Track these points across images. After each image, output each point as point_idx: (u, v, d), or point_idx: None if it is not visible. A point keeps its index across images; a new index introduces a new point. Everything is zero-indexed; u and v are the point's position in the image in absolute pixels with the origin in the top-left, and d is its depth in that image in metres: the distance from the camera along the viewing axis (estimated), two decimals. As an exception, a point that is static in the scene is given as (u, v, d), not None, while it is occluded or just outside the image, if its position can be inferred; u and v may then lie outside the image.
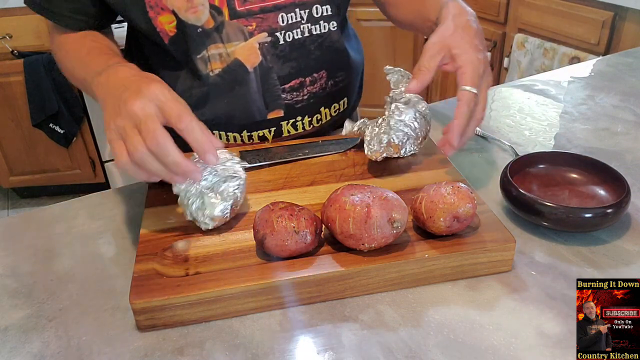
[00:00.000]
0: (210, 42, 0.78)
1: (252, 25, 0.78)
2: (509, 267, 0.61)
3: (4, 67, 2.16)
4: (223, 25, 0.77)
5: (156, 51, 0.81)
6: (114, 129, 0.57)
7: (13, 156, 2.42)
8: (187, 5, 0.74)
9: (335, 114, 0.92)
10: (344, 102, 0.93)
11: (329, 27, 0.83)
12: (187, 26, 0.76)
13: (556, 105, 1.00)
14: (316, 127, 0.89)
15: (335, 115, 0.92)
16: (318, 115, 0.89)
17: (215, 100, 0.82)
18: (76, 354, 0.54)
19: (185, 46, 0.78)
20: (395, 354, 0.52)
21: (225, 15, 0.76)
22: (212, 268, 0.58)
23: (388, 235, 0.57)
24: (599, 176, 0.71)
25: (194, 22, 0.76)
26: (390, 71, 0.78)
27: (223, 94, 0.74)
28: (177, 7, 0.74)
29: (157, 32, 0.76)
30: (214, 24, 0.76)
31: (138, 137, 0.56)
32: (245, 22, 0.77)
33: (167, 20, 0.75)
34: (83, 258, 0.67)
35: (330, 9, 0.81)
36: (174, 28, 0.76)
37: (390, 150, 0.72)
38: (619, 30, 1.84)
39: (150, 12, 0.74)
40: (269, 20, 0.78)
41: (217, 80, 0.80)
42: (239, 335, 0.55)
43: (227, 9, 0.76)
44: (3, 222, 0.78)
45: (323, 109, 0.89)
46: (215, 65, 0.80)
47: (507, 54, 2.27)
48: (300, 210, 0.59)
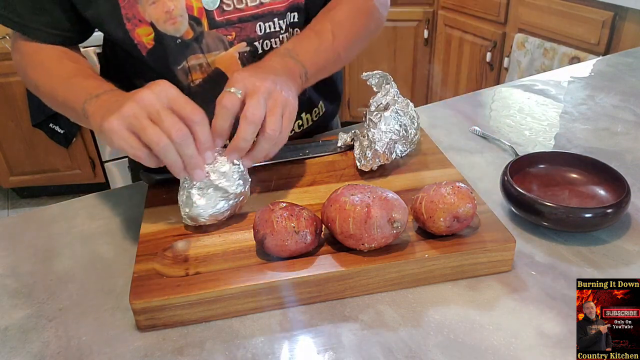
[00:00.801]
0: (190, 52, 0.77)
1: (232, 34, 0.77)
2: (509, 267, 0.61)
3: (4, 67, 2.16)
4: (202, 36, 0.76)
5: (134, 63, 0.80)
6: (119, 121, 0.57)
7: (13, 156, 2.42)
8: (165, 17, 0.73)
9: (317, 118, 0.92)
10: (323, 106, 0.93)
11: (293, 33, 0.82)
12: (166, 37, 0.75)
13: (556, 105, 1.00)
14: (298, 132, 0.89)
15: (317, 119, 0.92)
16: (300, 121, 0.89)
17: None
18: (76, 354, 0.54)
19: (164, 58, 0.77)
20: (395, 354, 0.52)
21: (204, 26, 0.75)
22: (212, 268, 0.58)
23: (388, 235, 0.57)
24: (599, 176, 0.71)
25: (173, 33, 0.75)
26: (369, 76, 0.79)
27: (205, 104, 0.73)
28: (156, 18, 0.73)
29: (135, 45, 0.75)
30: (194, 35, 0.76)
31: (157, 127, 0.57)
32: (225, 32, 0.77)
33: (144, 32, 0.74)
34: (83, 258, 0.67)
35: (297, 15, 0.81)
36: (152, 40, 0.75)
37: (380, 160, 0.73)
38: (619, 30, 1.84)
39: (128, 24, 0.73)
40: (247, 30, 0.77)
41: (199, 91, 0.80)
42: (239, 335, 0.55)
43: (206, 19, 0.75)
44: (3, 222, 0.78)
45: (304, 114, 0.89)
46: (196, 76, 0.79)
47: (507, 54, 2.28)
48: (301, 210, 0.59)
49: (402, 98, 0.77)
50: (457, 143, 0.88)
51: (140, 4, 0.72)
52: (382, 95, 0.76)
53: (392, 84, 0.77)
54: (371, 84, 0.78)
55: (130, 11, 0.72)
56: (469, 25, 2.44)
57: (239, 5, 0.76)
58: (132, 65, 0.81)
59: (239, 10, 0.76)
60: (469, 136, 0.90)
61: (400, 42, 2.70)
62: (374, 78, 0.78)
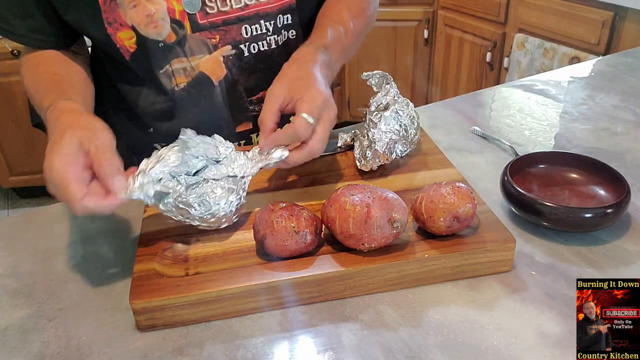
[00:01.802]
0: (173, 56, 0.77)
1: (216, 38, 0.77)
2: (509, 267, 0.61)
3: (4, 67, 2.16)
4: (185, 39, 0.76)
5: (117, 67, 0.80)
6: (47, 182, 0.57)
7: (13, 156, 2.42)
8: (146, 20, 0.73)
9: None
10: None
11: (288, 35, 0.82)
12: (148, 41, 0.74)
13: (556, 105, 1.00)
14: None
15: None
16: None
17: (182, 114, 0.81)
18: (76, 354, 0.54)
19: (146, 62, 0.76)
20: (395, 354, 0.52)
21: (187, 29, 0.75)
22: (212, 268, 0.58)
23: (388, 235, 0.57)
24: (599, 176, 0.71)
25: (155, 37, 0.74)
26: (369, 76, 0.79)
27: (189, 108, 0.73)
28: (137, 22, 0.73)
29: (117, 49, 0.75)
30: (176, 38, 0.75)
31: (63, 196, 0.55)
32: (209, 35, 0.76)
33: (126, 36, 0.74)
34: (83, 258, 0.67)
35: (290, 17, 0.80)
36: (134, 44, 0.75)
37: (380, 160, 0.73)
38: (619, 30, 1.84)
39: (109, 28, 0.72)
40: (232, 33, 0.77)
41: (183, 95, 0.80)
42: (239, 335, 0.55)
43: (188, 22, 0.75)
44: (3, 222, 0.78)
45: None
46: (180, 80, 0.79)
47: (507, 54, 2.27)
48: (301, 210, 0.59)
49: (402, 98, 0.77)
50: (457, 143, 0.88)
51: (121, 7, 0.71)
52: (382, 95, 0.76)
53: (392, 84, 0.77)
54: (371, 84, 0.78)
55: (112, 15, 0.72)
56: (469, 25, 2.44)
57: (223, 7, 0.75)
58: (115, 68, 0.81)
59: (223, 13, 0.75)
60: (469, 136, 0.90)
61: (400, 42, 2.70)
62: (374, 78, 0.78)
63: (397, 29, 2.67)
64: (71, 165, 0.56)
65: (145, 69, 0.77)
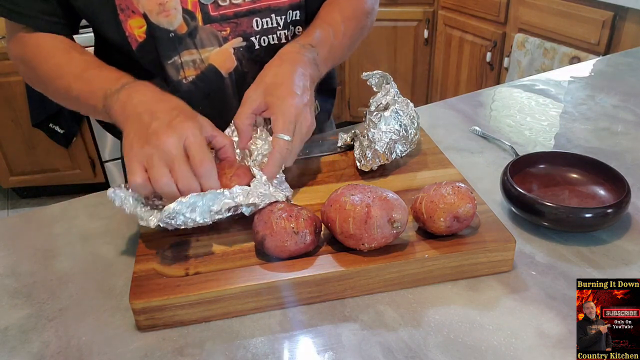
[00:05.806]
0: (183, 47, 0.77)
1: (227, 30, 0.77)
2: (509, 267, 0.61)
3: (4, 67, 2.16)
4: (197, 31, 0.76)
5: (122, 61, 0.78)
6: (138, 154, 0.59)
7: (13, 156, 2.42)
8: (159, 9, 0.73)
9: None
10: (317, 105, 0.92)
11: (295, 31, 0.82)
12: (159, 30, 0.74)
13: (556, 105, 1.00)
14: None
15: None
16: None
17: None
18: (76, 354, 0.54)
19: (154, 53, 0.76)
20: (395, 354, 0.52)
21: (198, 20, 0.75)
22: (212, 268, 0.58)
23: (388, 235, 0.57)
24: (599, 176, 0.71)
25: (166, 25, 0.74)
26: (369, 76, 0.79)
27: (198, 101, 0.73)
28: (149, 10, 0.73)
29: (126, 37, 0.74)
30: (187, 29, 0.75)
31: (166, 171, 0.58)
32: (219, 27, 0.76)
33: (137, 24, 0.74)
34: (83, 258, 0.67)
35: (299, 14, 0.81)
36: (144, 33, 0.74)
37: (380, 160, 0.73)
38: (619, 30, 1.84)
39: (121, 14, 0.72)
40: (243, 25, 0.77)
41: (191, 88, 0.80)
42: (239, 335, 0.55)
43: (200, 13, 0.75)
44: (3, 222, 0.78)
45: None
46: (189, 72, 0.79)
47: (507, 54, 2.27)
48: (300, 211, 0.59)
49: (402, 98, 0.77)
50: (457, 143, 0.88)
51: None
52: (382, 95, 0.76)
53: (392, 84, 0.77)
54: (371, 84, 0.78)
55: (124, 2, 0.72)
56: (469, 25, 2.44)
57: (235, 0, 0.75)
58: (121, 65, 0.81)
59: (235, 5, 0.76)
60: (469, 136, 0.90)
61: (400, 42, 2.70)
62: (374, 78, 0.78)
63: (397, 29, 2.67)
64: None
65: (152, 60, 0.77)
